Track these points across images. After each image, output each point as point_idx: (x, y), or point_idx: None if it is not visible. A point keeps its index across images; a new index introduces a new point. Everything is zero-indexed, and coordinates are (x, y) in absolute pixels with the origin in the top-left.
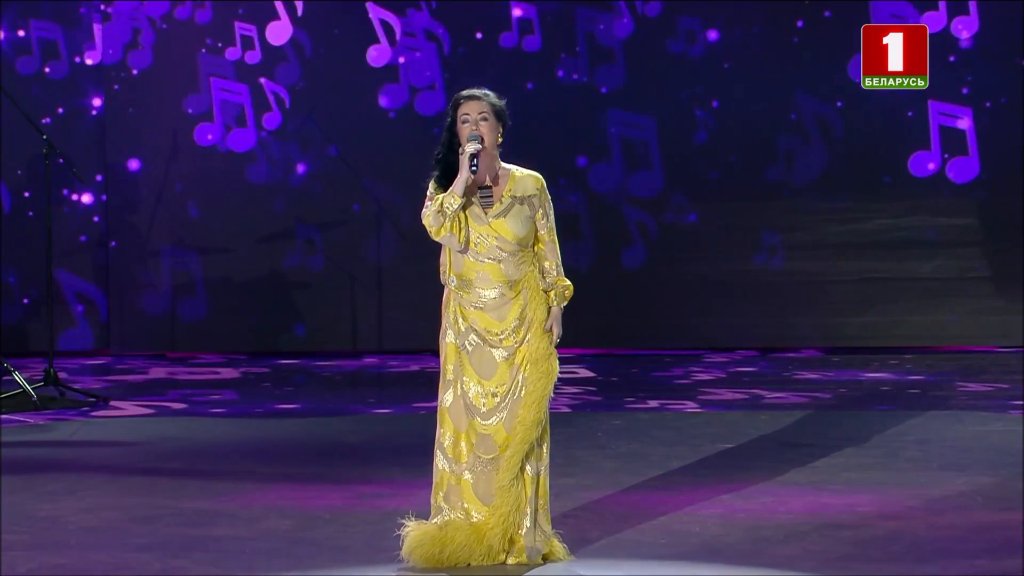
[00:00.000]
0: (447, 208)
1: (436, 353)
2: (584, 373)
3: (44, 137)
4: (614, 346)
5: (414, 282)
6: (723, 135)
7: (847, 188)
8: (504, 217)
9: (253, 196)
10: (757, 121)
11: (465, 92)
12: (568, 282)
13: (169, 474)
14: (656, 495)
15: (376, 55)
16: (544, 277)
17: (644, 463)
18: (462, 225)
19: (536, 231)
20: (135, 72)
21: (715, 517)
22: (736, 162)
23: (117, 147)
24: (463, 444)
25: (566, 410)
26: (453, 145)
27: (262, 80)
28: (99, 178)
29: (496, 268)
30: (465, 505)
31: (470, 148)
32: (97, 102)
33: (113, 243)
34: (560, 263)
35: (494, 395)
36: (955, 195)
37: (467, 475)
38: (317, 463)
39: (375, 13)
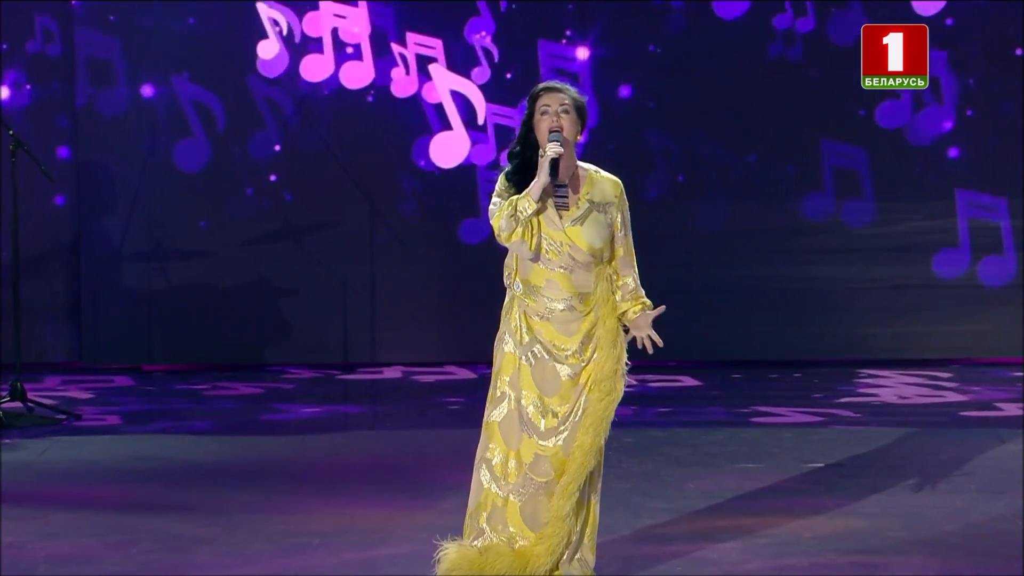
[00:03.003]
0: (520, 213)
1: (429, 365)
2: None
3: (11, 133)
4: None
5: (410, 290)
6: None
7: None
8: (581, 224)
9: (237, 196)
10: None
11: (544, 84)
12: (649, 302)
13: (146, 496)
14: (671, 518)
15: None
16: (620, 294)
17: (658, 484)
18: (534, 231)
19: (612, 243)
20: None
21: (735, 543)
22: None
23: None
24: (512, 463)
25: None
26: (529, 140)
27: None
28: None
29: (566, 278)
30: (511, 529)
31: (551, 151)
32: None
33: (85, 246)
34: (638, 279)
35: (555, 414)
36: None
37: (514, 497)
38: (305, 483)
39: (323, 29)
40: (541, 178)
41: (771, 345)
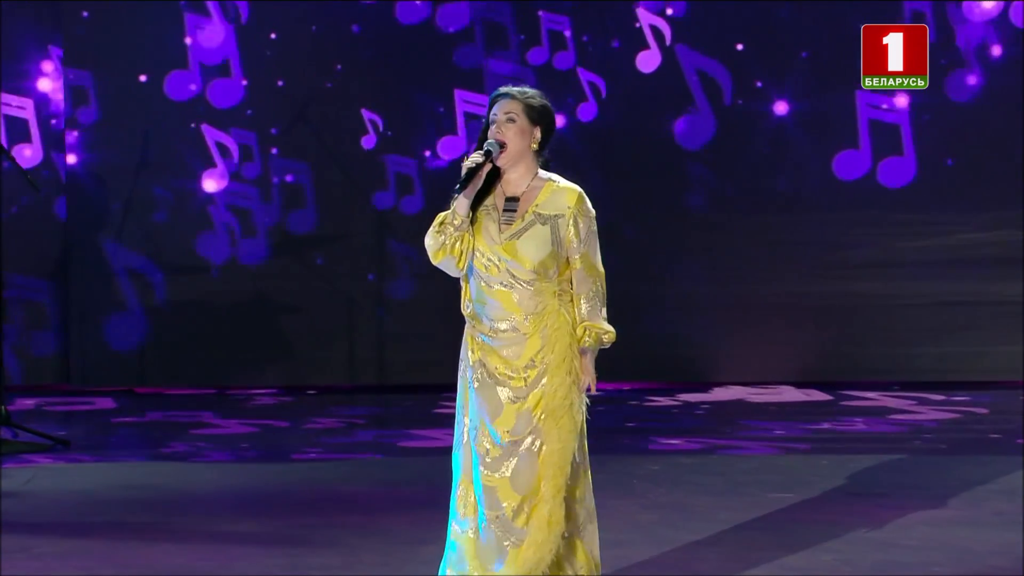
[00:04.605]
0: (447, 228)
1: (440, 388)
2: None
3: None
4: (644, 379)
5: (420, 307)
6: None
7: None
8: (519, 238)
9: (234, 207)
10: None
11: (501, 89)
12: (608, 328)
13: (137, 529)
14: (701, 552)
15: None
16: (577, 314)
17: (687, 515)
18: (465, 247)
19: (567, 256)
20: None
21: None
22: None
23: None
24: (471, 496)
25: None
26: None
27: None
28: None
29: (508, 296)
30: (467, 570)
31: (468, 161)
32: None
33: (74, 260)
34: (596, 296)
35: (500, 443)
36: None
37: (472, 532)
38: (308, 515)
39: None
40: (469, 188)
41: (808, 365)
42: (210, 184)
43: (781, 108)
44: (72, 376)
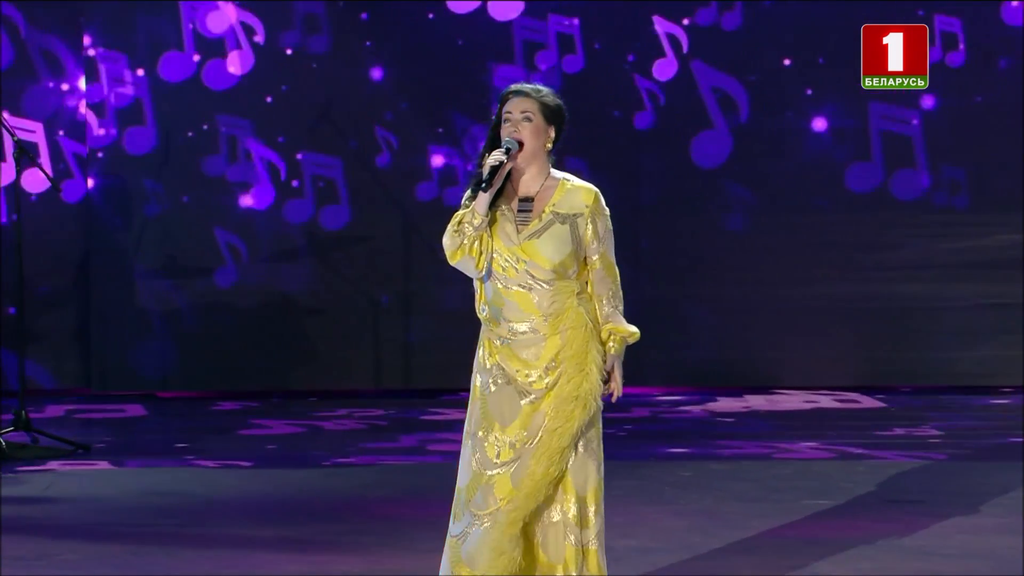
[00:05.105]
0: (465, 228)
1: (465, 391)
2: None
3: (15, 140)
4: (681, 384)
5: (447, 310)
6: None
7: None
8: (538, 238)
9: (257, 208)
10: None
11: (514, 86)
12: (633, 329)
13: (159, 536)
14: (734, 561)
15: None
16: (599, 315)
17: (719, 522)
18: (483, 248)
19: (585, 256)
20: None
21: None
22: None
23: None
24: (463, 501)
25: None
26: (496, 146)
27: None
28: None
29: (526, 297)
30: (453, 572)
31: (491, 159)
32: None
33: (94, 263)
34: (616, 297)
35: (512, 446)
36: None
37: (463, 536)
38: (333, 523)
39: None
40: (488, 188)
41: (840, 370)
42: (233, 177)
43: (818, 123)
44: (93, 380)
